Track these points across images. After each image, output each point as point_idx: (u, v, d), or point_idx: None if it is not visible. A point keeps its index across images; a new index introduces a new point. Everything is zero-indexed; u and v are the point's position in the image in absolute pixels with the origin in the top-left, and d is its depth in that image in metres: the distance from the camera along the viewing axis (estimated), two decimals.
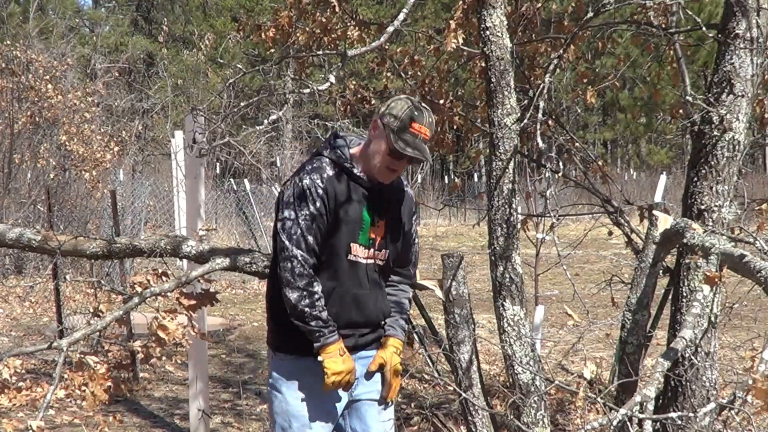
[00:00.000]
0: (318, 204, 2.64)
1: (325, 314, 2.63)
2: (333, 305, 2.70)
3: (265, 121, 2.81)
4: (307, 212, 2.63)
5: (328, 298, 2.70)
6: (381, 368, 2.84)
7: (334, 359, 2.64)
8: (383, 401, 2.86)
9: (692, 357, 3.38)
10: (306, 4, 4.53)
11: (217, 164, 18.11)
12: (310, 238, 2.64)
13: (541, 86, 3.24)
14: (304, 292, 2.62)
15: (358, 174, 2.70)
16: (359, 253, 2.73)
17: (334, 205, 2.66)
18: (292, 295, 2.63)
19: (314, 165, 2.70)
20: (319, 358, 2.64)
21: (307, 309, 2.62)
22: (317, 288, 2.64)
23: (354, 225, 2.70)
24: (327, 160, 2.71)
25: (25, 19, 24.36)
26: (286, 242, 2.64)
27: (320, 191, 2.64)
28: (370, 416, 2.84)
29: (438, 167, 30.13)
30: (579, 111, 25.70)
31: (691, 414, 2.37)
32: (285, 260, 2.64)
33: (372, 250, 2.75)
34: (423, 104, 2.68)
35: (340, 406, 2.80)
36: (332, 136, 2.80)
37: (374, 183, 2.72)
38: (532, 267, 5.62)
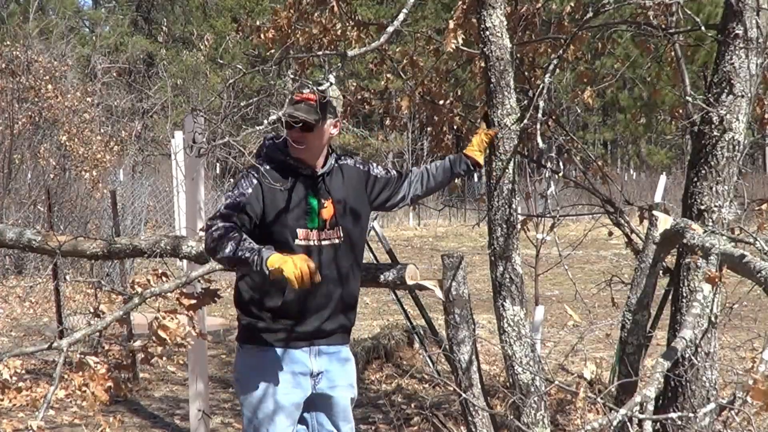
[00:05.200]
0: (250, 190, 2.80)
1: (252, 244, 2.65)
2: (291, 290, 2.74)
3: (265, 122, 2.81)
4: (234, 196, 2.79)
5: (285, 284, 2.72)
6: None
7: (278, 261, 2.57)
8: (349, 397, 3.01)
9: (692, 357, 3.38)
10: (306, 5, 4.53)
11: (217, 164, 18.10)
12: (232, 213, 2.75)
13: (541, 86, 3.24)
14: (229, 242, 2.64)
15: (291, 162, 2.88)
16: (311, 236, 2.86)
17: (271, 193, 2.81)
18: (222, 255, 2.65)
19: (252, 164, 2.87)
20: (268, 271, 2.58)
21: (238, 252, 2.61)
22: (235, 232, 2.68)
23: (299, 211, 2.84)
24: (263, 158, 2.91)
25: (25, 19, 24.35)
26: (208, 220, 2.77)
27: (254, 180, 2.81)
28: (336, 412, 2.98)
29: None
30: (579, 111, 25.70)
31: (691, 414, 2.37)
32: (207, 230, 2.73)
33: (325, 230, 2.89)
34: (316, 87, 2.79)
35: (304, 399, 2.92)
36: (268, 137, 3.00)
37: (314, 170, 2.91)
38: (532, 267, 5.62)
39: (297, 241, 2.85)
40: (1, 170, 11.68)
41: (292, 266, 2.54)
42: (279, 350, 2.89)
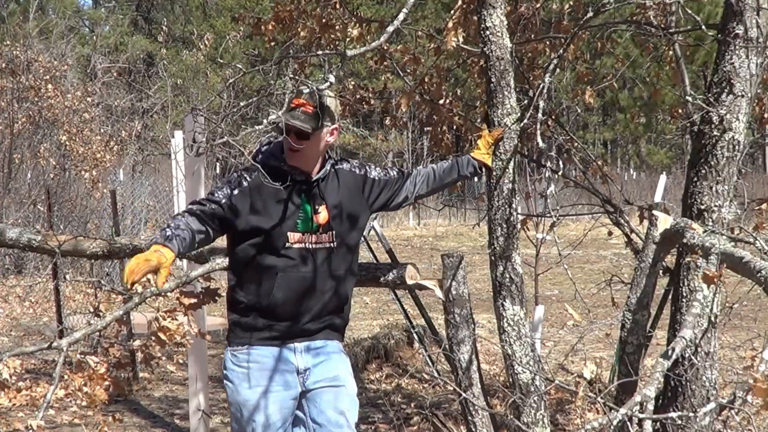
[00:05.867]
0: (236, 192, 2.85)
1: (167, 231, 2.75)
2: (280, 289, 2.85)
3: (265, 121, 2.81)
4: (218, 194, 2.86)
5: (273, 285, 2.85)
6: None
7: (135, 257, 2.69)
8: (338, 388, 2.97)
9: (692, 357, 3.38)
10: (305, 3, 4.53)
11: (217, 164, 18.10)
12: (208, 206, 2.84)
13: (541, 86, 3.24)
14: (169, 221, 2.84)
15: (286, 168, 2.89)
16: (304, 240, 2.89)
17: (260, 198, 2.85)
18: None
19: (248, 166, 2.94)
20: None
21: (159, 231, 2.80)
22: (180, 220, 2.80)
23: (289, 216, 2.87)
24: (259, 163, 2.91)
25: (25, 18, 24.35)
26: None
27: (244, 183, 2.86)
28: (325, 403, 2.94)
29: None
30: (579, 111, 25.70)
31: (691, 414, 2.37)
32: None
33: (318, 234, 2.91)
34: (316, 87, 2.82)
35: (293, 397, 2.92)
36: (264, 143, 3.03)
37: (308, 176, 2.91)
38: (532, 267, 5.62)
39: (288, 245, 2.87)
40: (1, 170, 11.68)
41: (130, 262, 2.65)
42: (265, 349, 2.90)
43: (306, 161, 2.91)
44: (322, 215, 2.91)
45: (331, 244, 2.92)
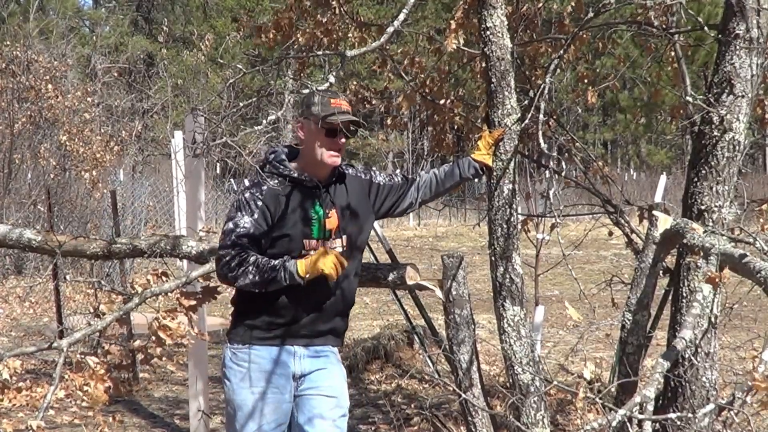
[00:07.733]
0: (256, 215, 2.82)
1: (272, 261, 2.76)
2: (292, 291, 2.83)
3: (264, 122, 2.82)
4: (243, 223, 2.81)
5: (284, 292, 2.83)
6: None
7: (309, 267, 2.74)
8: (331, 398, 2.94)
9: (692, 357, 3.38)
10: (307, 5, 4.53)
11: (217, 164, 18.11)
12: (245, 241, 2.80)
13: (542, 87, 3.24)
14: (249, 268, 2.74)
15: (297, 176, 2.89)
16: (318, 246, 2.88)
17: (276, 211, 2.84)
18: (245, 281, 2.76)
19: (255, 180, 2.93)
20: (303, 280, 2.74)
21: (264, 275, 2.74)
22: (252, 256, 2.76)
23: (304, 223, 2.88)
24: (267, 173, 2.91)
25: (26, 19, 24.37)
26: (220, 249, 2.82)
27: (259, 203, 2.84)
28: (314, 411, 2.92)
29: None
30: (579, 111, 25.70)
31: (690, 414, 2.37)
32: (219, 260, 2.81)
33: (330, 240, 2.91)
34: (316, 88, 2.87)
35: (288, 401, 2.91)
36: (269, 152, 3.02)
37: (317, 180, 2.92)
38: (532, 267, 5.61)
39: (305, 252, 2.87)
40: (1, 170, 11.68)
41: (326, 265, 2.71)
42: (265, 349, 2.89)
43: (340, 160, 2.95)
44: (332, 220, 2.92)
45: (342, 249, 2.93)
